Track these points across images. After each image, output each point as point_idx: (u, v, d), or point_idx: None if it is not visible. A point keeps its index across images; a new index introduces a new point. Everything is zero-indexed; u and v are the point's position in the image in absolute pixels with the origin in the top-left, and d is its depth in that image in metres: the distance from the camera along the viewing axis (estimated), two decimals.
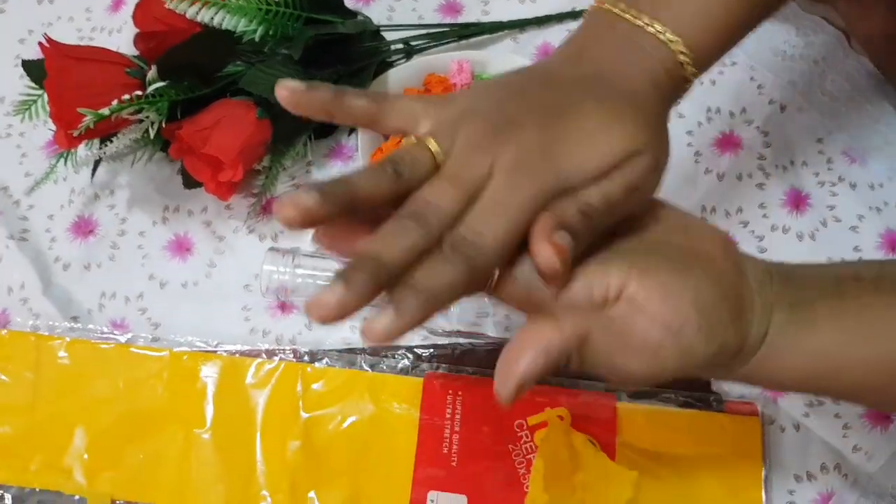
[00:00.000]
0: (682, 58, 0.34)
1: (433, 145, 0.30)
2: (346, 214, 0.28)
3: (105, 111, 0.45)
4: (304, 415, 0.49)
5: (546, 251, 0.28)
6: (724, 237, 0.33)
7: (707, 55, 0.36)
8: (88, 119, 0.44)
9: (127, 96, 0.45)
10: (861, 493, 0.49)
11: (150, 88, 0.46)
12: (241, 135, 0.48)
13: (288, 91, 0.30)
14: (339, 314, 0.26)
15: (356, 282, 0.26)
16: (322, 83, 0.30)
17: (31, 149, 0.58)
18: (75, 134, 0.45)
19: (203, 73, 0.49)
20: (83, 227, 0.55)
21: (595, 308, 0.30)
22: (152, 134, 0.48)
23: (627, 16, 0.34)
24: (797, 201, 0.55)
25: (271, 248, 0.51)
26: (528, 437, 0.49)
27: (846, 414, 0.50)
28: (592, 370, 0.31)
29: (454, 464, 0.48)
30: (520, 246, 0.29)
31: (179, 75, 0.47)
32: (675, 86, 0.35)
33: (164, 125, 0.48)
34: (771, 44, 0.59)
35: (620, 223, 0.32)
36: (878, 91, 0.58)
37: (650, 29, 0.34)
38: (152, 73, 0.46)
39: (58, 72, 0.45)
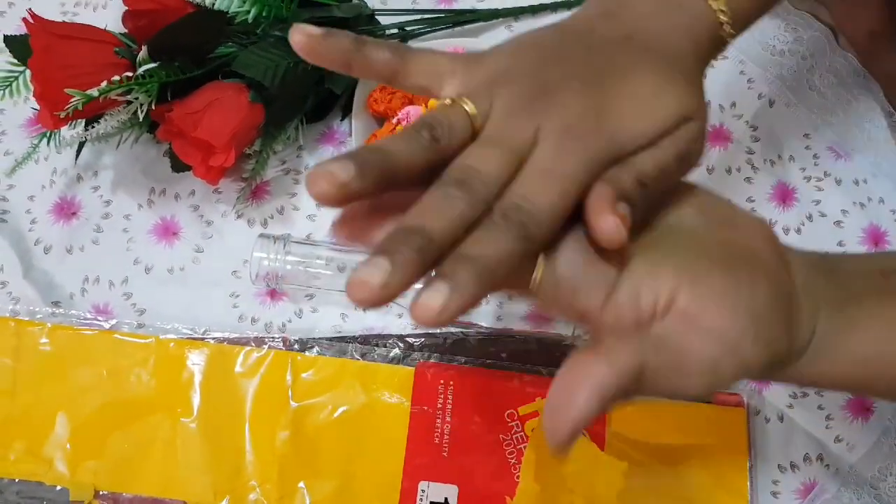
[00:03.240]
0: (721, 17, 0.33)
1: (469, 107, 0.27)
2: (380, 190, 0.25)
3: (94, 92, 0.43)
4: (293, 404, 0.49)
5: (609, 222, 0.26)
6: (767, 227, 0.31)
7: (745, 16, 0.34)
8: (76, 100, 0.43)
9: (116, 77, 0.44)
10: (842, 482, 0.50)
11: (141, 69, 0.45)
12: (233, 119, 0.46)
13: (304, 36, 0.27)
14: (384, 296, 0.23)
15: (402, 258, 0.23)
16: (341, 31, 0.28)
17: (10, 126, 0.56)
18: (62, 115, 0.43)
19: (195, 55, 0.48)
20: (65, 209, 0.54)
21: (642, 324, 0.28)
22: (141, 116, 0.46)
23: None
24: (784, 195, 0.56)
25: (262, 235, 0.50)
26: (519, 427, 0.49)
27: (829, 405, 0.51)
28: (650, 395, 0.29)
29: (445, 454, 0.48)
30: (563, 239, 0.27)
31: (170, 56, 0.46)
32: (713, 47, 0.34)
33: (153, 107, 0.47)
34: (761, 38, 0.59)
35: (660, 215, 0.30)
36: (864, 88, 0.59)
37: None
38: (143, 53, 0.45)
39: (44, 50, 0.44)
